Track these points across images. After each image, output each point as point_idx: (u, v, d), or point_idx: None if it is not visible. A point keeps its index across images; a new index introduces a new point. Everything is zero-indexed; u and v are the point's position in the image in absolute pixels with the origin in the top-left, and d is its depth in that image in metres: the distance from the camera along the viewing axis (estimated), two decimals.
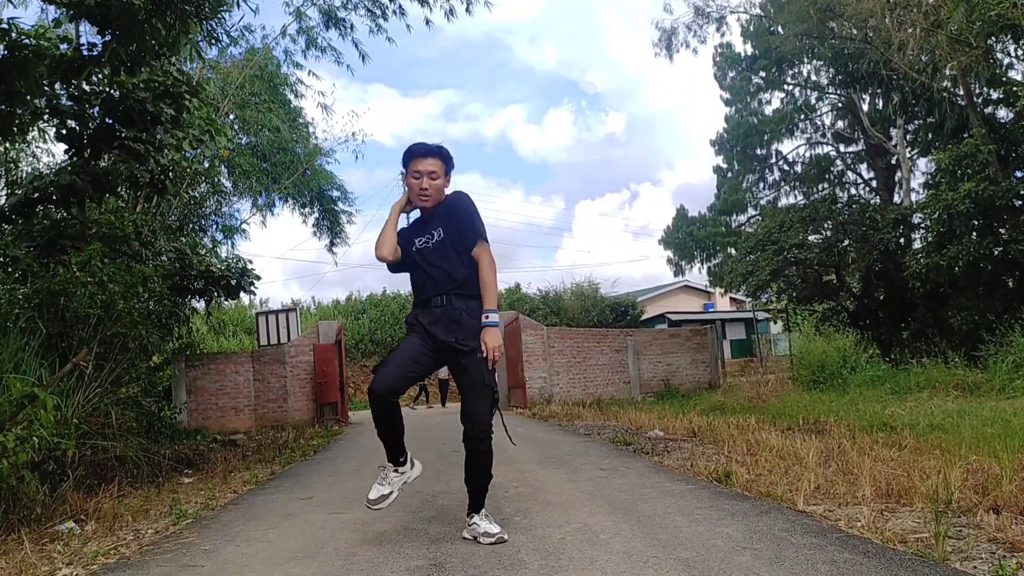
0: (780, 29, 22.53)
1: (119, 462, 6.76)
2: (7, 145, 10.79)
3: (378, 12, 15.87)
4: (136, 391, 8.31)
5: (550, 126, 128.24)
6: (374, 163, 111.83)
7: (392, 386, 3.67)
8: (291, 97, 20.07)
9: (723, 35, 25.18)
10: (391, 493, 3.85)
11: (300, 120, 20.38)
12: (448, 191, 3.94)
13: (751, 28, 24.64)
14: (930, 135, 20.50)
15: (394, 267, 3.96)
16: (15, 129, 8.00)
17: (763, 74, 25.69)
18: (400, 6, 15.55)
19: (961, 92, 16.81)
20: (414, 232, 3.93)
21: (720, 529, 3.61)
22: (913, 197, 21.13)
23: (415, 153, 3.84)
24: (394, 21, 16.09)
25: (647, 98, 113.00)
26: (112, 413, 6.85)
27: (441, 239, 3.81)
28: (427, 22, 15.24)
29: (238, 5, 11.60)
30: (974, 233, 14.59)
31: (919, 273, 15.13)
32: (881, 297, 18.55)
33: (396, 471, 3.89)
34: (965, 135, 16.44)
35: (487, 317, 3.67)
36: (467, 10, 15.00)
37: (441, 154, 3.87)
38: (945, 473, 4.34)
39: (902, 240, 18.07)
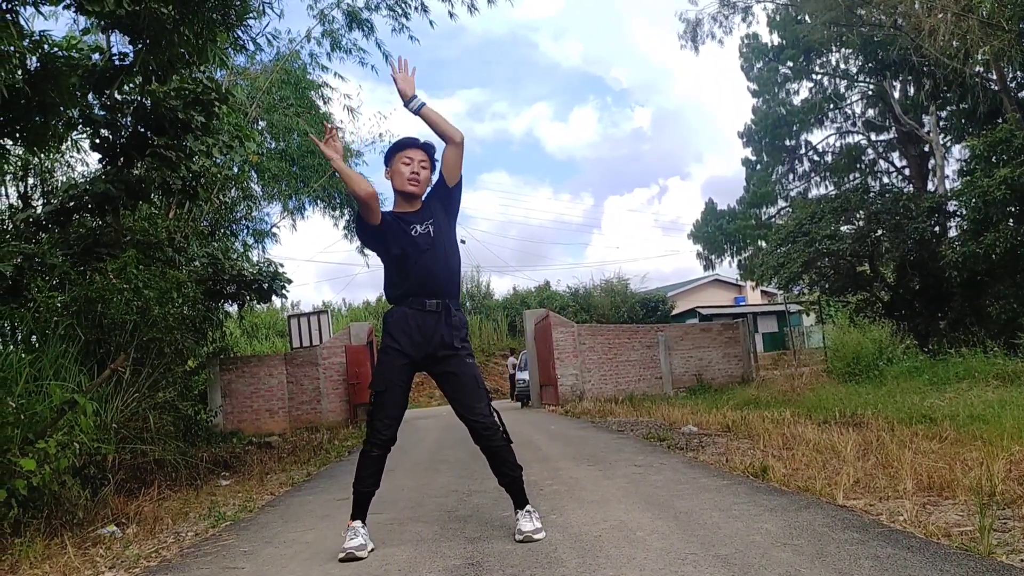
0: (807, 18, 22.26)
1: (158, 465, 6.85)
2: (42, 155, 10.97)
3: (400, 11, 15.97)
4: (173, 395, 8.43)
5: (576, 123, 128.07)
6: None
7: (390, 436, 3.72)
8: (319, 103, 20.22)
9: (749, 25, 24.91)
10: (368, 546, 3.63)
11: (328, 125, 20.47)
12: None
13: (777, 18, 24.36)
14: (963, 121, 20.17)
15: (372, 231, 3.84)
16: (50, 139, 8.12)
17: (791, 64, 25.38)
18: (422, 3, 15.64)
19: (994, 77, 16.53)
20: (407, 219, 3.83)
21: (759, 525, 3.58)
22: (947, 184, 20.77)
23: (408, 144, 3.91)
24: (416, 20, 16.19)
25: (674, 92, 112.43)
26: (150, 417, 6.95)
27: (439, 231, 3.82)
28: (450, 15, 15.36)
29: (264, 12, 11.70)
30: (1011, 220, 14.32)
31: (955, 262, 14.87)
32: (916, 287, 18.27)
33: (364, 528, 3.71)
34: (999, 120, 16.15)
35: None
36: (489, 2, 15.10)
37: (429, 151, 3.92)
38: (988, 465, 4.26)
39: (937, 228, 17.76)
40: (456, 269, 3.90)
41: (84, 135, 10.05)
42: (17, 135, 7.67)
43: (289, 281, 15.15)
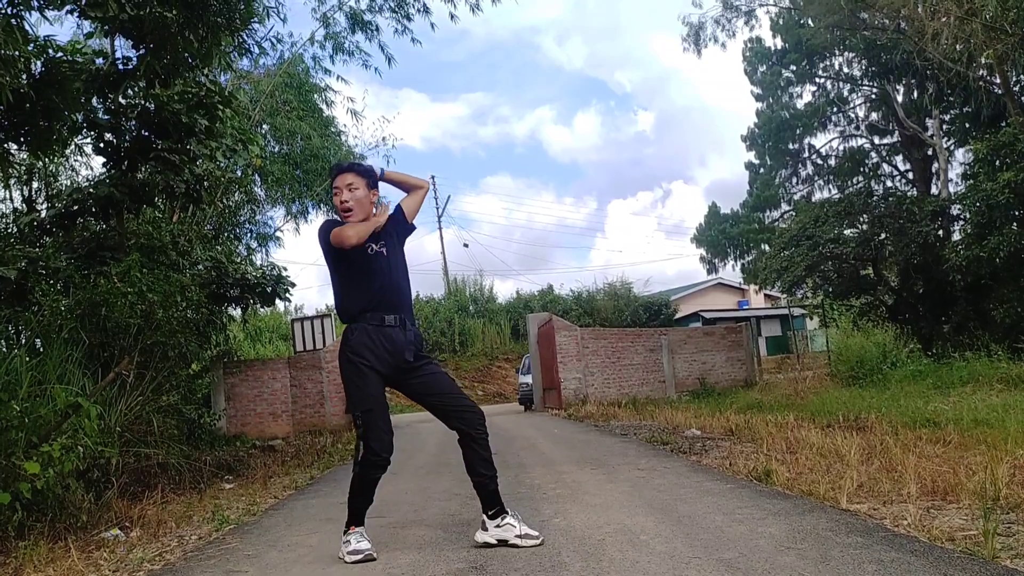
0: (810, 22, 22.25)
1: (161, 469, 6.86)
2: (46, 159, 11.00)
3: (402, 12, 16.03)
4: (176, 399, 8.45)
5: (580, 126, 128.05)
6: (409, 167, 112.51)
7: (392, 449, 3.74)
8: (323, 107, 20.27)
9: (752, 29, 24.89)
10: (369, 549, 3.61)
11: (332, 129, 20.55)
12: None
13: (780, 21, 24.36)
14: (967, 125, 20.13)
15: (346, 256, 3.82)
16: (54, 143, 8.14)
17: (794, 68, 25.39)
18: (424, 4, 15.70)
19: (998, 80, 16.50)
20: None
21: (762, 529, 3.57)
22: (951, 188, 20.76)
23: (333, 174, 4.02)
24: (419, 22, 16.25)
25: (677, 95, 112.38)
26: (154, 421, 6.96)
27: (393, 251, 3.89)
28: (452, 16, 15.40)
29: (268, 16, 11.73)
30: (1015, 224, 14.30)
31: (959, 265, 14.85)
32: (920, 290, 18.26)
33: (363, 532, 3.73)
34: (1003, 124, 16.13)
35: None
36: (493, 1, 15.12)
37: (356, 170, 3.95)
38: (992, 469, 4.25)
39: (941, 232, 17.75)
40: (408, 287, 3.98)
41: (88, 139, 10.08)
42: (22, 139, 7.69)
43: (292, 285, 15.14)
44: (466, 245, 69.80)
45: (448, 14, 15.41)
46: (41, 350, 7.10)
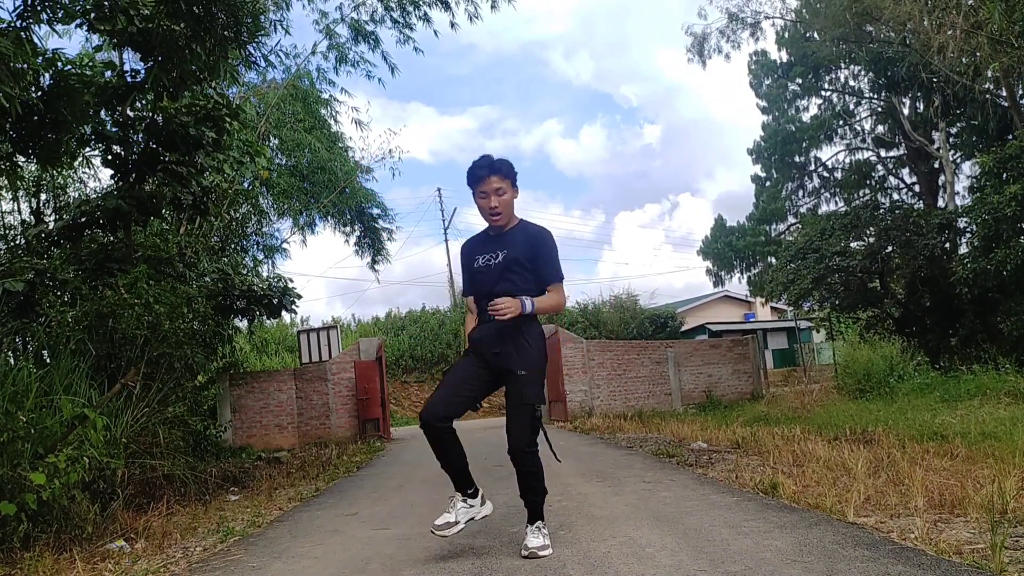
0: (816, 35, 22.31)
1: (167, 480, 6.86)
2: (55, 171, 11.07)
3: (403, 22, 16.29)
4: (182, 410, 8.44)
5: (586, 140, 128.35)
6: (416, 180, 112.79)
7: (440, 412, 3.72)
8: (329, 120, 20.38)
9: (757, 40, 25.01)
10: (457, 523, 3.80)
11: (340, 145, 20.66)
12: (518, 206, 4.02)
13: (786, 35, 24.44)
14: (974, 137, 20.15)
15: None
16: (63, 155, 8.19)
17: (799, 81, 25.46)
18: (425, 13, 15.91)
19: (1004, 93, 16.51)
20: (478, 248, 4.00)
21: (769, 542, 3.56)
22: (958, 201, 20.74)
23: (475, 176, 3.89)
24: (422, 32, 16.48)
25: (684, 108, 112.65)
26: (160, 432, 6.96)
27: (501, 261, 3.86)
28: (452, 25, 15.64)
29: (275, 29, 11.81)
30: (1021, 237, 14.26)
31: (966, 278, 14.79)
32: (927, 303, 18.19)
33: (464, 501, 3.88)
34: (1010, 136, 16.12)
35: (528, 299, 3.75)
36: (492, 7, 15.34)
37: (502, 170, 3.89)
38: (1000, 482, 4.23)
39: (948, 245, 17.71)
40: (520, 292, 3.86)
41: (96, 151, 10.14)
42: (30, 151, 7.75)
43: (299, 296, 15.15)
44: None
45: (448, 23, 15.74)
46: (48, 361, 7.12)
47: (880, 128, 25.20)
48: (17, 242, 11.53)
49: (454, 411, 3.77)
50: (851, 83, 24.86)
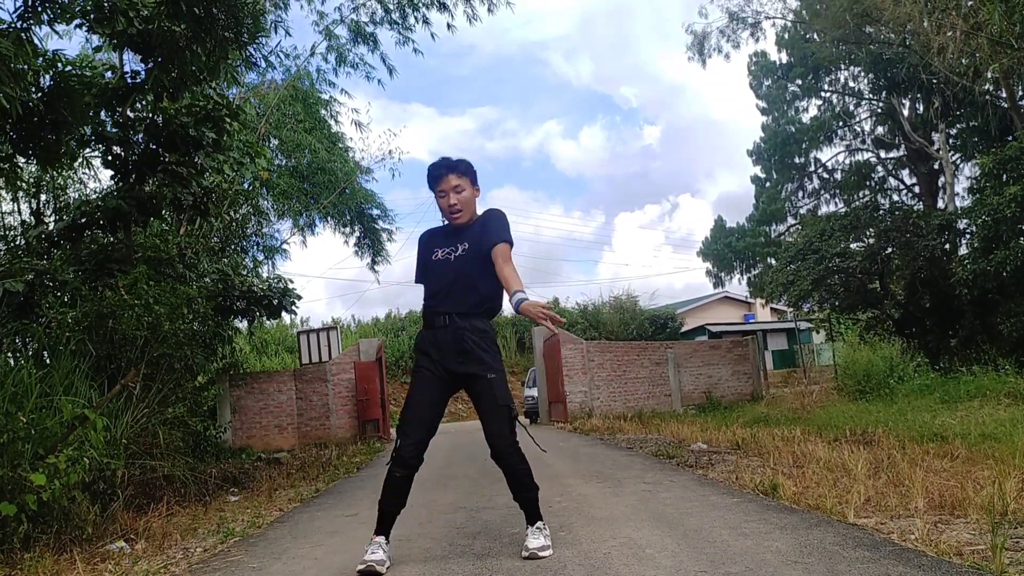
0: (816, 36, 22.33)
1: (167, 481, 6.86)
2: (55, 172, 11.06)
3: (403, 24, 16.41)
4: (182, 411, 8.44)
5: (586, 140, 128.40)
6: (416, 181, 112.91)
7: (421, 451, 3.73)
8: (329, 122, 20.40)
9: (757, 40, 25.08)
10: (386, 562, 3.59)
11: (340, 145, 20.67)
12: (480, 202, 3.94)
13: (786, 36, 24.47)
14: (974, 138, 20.15)
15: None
16: (63, 156, 8.19)
17: (799, 82, 25.48)
18: (424, 15, 16.01)
19: (1004, 95, 16.51)
20: (438, 241, 3.93)
21: (769, 543, 3.56)
22: (958, 202, 20.74)
23: (433, 176, 3.84)
24: (420, 33, 16.58)
25: (684, 109, 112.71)
26: (159, 433, 6.96)
27: (463, 255, 3.79)
28: (449, 26, 15.81)
29: (275, 30, 11.82)
30: (1021, 238, 14.26)
31: (966, 279, 14.79)
32: (927, 304, 18.19)
33: (388, 543, 3.71)
34: (1010, 138, 16.12)
35: (516, 295, 3.53)
36: (489, 10, 15.47)
37: (459, 167, 3.85)
38: (1000, 483, 4.23)
39: (947, 246, 17.71)
40: (484, 289, 3.80)
41: (96, 152, 10.13)
42: (31, 152, 7.75)
43: (299, 297, 15.16)
44: None
45: (446, 24, 15.89)
46: (48, 362, 7.11)
47: (880, 129, 25.21)
48: (17, 243, 11.53)
49: (428, 442, 3.77)
50: (851, 84, 24.89)
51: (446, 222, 3.94)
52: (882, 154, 25.63)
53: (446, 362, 3.74)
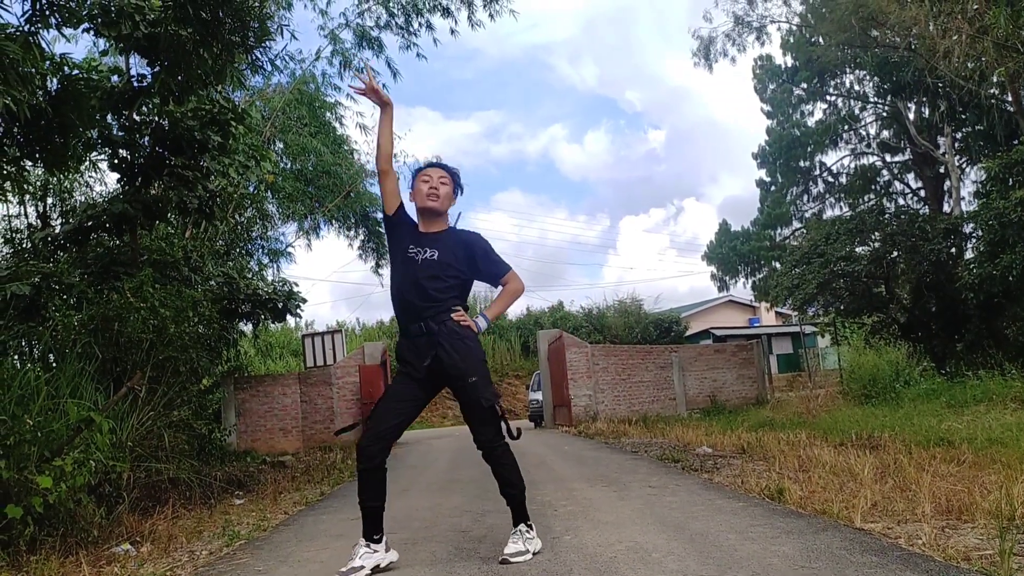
0: (821, 40, 22.31)
1: (172, 484, 6.87)
2: (61, 175, 11.10)
3: (408, 29, 16.50)
4: (187, 414, 8.46)
5: (591, 144, 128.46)
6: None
7: (385, 444, 3.68)
8: (334, 125, 20.45)
9: (763, 44, 25.07)
10: (363, 568, 3.57)
11: (345, 149, 20.71)
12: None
13: (791, 40, 24.44)
14: (980, 143, 20.11)
15: (390, 218, 4.00)
16: (69, 160, 8.22)
17: (804, 85, 25.46)
18: (428, 21, 16.13)
19: (1010, 98, 16.48)
20: (412, 237, 3.90)
21: (775, 547, 3.54)
22: (963, 206, 20.71)
23: (421, 168, 4.04)
24: (425, 37, 16.72)
25: (688, 113, 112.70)
26: (165, 436, 6.97)
27: (434, 260, 3.79)
28: (452, 32, 16.08)
29: (281, 33, 11.85)
30: None
31: (971, 283, 14.74)
32: (933, 309, 18.14)
33: (368, 547, 3.66)
34: (1016, 142, 16.09)
35: (480, 316, 3.86)
36: (491, 16, 15.61)
37: (448, 168, 4.00)
38: (1007, 488, 4.21)
39: (953, 250, 17.67)
40: (447, 293, 3.83)
41: (103, 155, 10.16)
42: (37, 155, 7.76)
43: (304, 300, 15.19)
44: None
45: (449, 29, 16.08)
46: (54, 365, 7.14)
47: (885, 133, 25.16)
48: (24, 246, 11.57)
49: (393, 438, 3.74)
50: (856, 88, 24.87)
51: (415, 219, 3.98)
52: (887, 158, 25.58)
53: (425, 368, 3.74)
